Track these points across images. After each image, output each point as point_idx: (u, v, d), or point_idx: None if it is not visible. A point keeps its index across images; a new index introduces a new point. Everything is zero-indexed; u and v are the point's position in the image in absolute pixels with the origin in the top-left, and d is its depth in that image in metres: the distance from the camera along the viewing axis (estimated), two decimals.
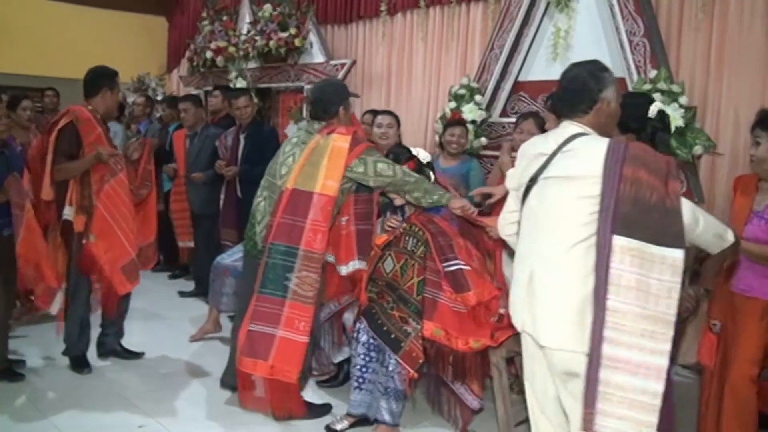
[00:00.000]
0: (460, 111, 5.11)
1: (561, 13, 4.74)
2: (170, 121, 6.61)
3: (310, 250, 3.25)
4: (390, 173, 3.34)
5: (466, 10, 5.73)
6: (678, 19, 4.47)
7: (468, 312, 3.14)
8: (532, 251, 2.43)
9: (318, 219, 3.25)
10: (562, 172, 2.33)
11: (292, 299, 3.24)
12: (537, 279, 2.38)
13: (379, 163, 3.35)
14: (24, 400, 3.74)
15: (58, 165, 3.81)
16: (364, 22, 6.71)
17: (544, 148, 2.43)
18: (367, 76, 6.68)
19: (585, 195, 2.24)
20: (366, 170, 3.33)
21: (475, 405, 3.32)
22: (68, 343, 4.16)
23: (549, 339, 2.35)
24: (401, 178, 3.34)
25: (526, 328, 2.45)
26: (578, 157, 2.30)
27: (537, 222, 2.42)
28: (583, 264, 2.24)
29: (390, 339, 3.21)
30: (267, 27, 6.92)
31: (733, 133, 4.17)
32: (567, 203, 2.30)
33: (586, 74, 2.43)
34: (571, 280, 2.28)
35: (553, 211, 2.35)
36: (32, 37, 8.67)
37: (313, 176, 3.30)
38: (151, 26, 9.86)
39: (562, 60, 4.80)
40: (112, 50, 8.67)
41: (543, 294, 2.36)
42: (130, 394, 3.85)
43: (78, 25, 9.13)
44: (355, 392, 3.37)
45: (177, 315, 5.40)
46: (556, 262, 2.32)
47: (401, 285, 3.29)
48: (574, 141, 2.34)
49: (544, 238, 2.38)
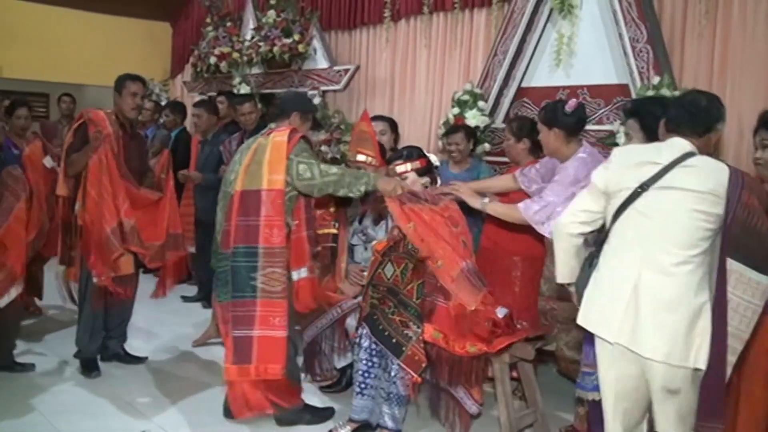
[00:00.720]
0: (464, 117, 5.11)
1: (564, 20, 4.74)
2: (173, 126, 6.64)
3: (269, 246, 3.26)
4: (308, 176, 3.31)
5: (470, 16, 5.73)
6: (681, 25, 4.47)
7: (466, 316, 3.14)
8: (641, 259, 2.44)
9: (270, 214, 3.26)
10: (683, 184, 2.39)
11: (261, 297, 3.24)
12: (645, 288, 2.40)
13: (300, 164, 3.31)
14: (27, 403, 3.75)
15: (68, 159, 3.99)
16: (367, 28, 6.71)
17: (655, 157, 2.47)
18: (371, 81, 6.69)
19: (702, 210, 2.35)
20: (291, 174, 3.31)
21: (474, 410, 3.32)
22: (80, 345, 4.22)
23: (654, 351, 2.38)
24: (322, 181, 3.31)
25: (620, 339, 2.45)
26: (700, 174, 2.39)
27: (648, 230, 2.44)
28: (696, 279, 2.36)
29: (392, 344, 3.21)
30: (271, 33, 6.94)
31: (737, 139, 4.17)
32: (686, 215, 2.37)
33: (707, 102, 2.53)
34: (684, 293, 2.36)
35: (670, 221, 2.40)
36: (38, 42, 8.70)
37: (257, 174, 3.30)
38: (155, 32, 9.88)
39: (566, 66, 4.81)
40: (117, 56, 8.72)
41: (652, 304, 2.39)
42: (133, 398, 3.86)
43: (83, 30, 9.16)
44: (358, 398, 3.37)
45: (180, 320, 5.41)
46: (670, 272, 2.37)
47: (401, 289, 3.29)
48: (692, 158, 2.43)
49: (657, 247, 2.41)
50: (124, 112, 4.13)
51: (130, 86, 4.11)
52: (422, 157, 3.54)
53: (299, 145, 3.36)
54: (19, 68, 8.70)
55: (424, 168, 3.49)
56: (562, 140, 3.27)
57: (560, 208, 3.08)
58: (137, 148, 4.28)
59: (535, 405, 3.49)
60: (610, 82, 4.65)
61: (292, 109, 3.57)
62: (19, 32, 8.51)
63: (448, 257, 3.18)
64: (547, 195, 3.17)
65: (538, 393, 3.50)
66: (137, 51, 9.44)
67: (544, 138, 3.33)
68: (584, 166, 3.16)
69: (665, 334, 2.35)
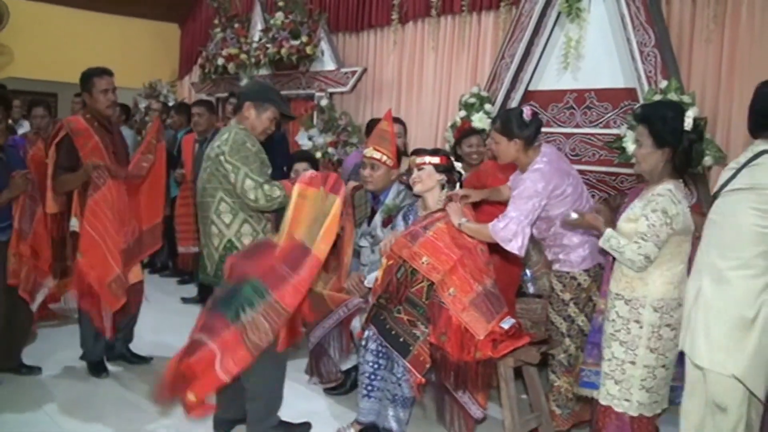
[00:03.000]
0: (470, 120, 5.11)
1: (572, 23, 4.73)
2: (179, 127, 6.65)
3: (281, 304, 2.96)
4: (259, 195, 3.11)
5: (477, 19, 5.74)
6: (689, 29, 4.47)
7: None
8: (705, 265, 2.47)
9: (304, 278, 3.02)
10: (743, 183, 2.40)
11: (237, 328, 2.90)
12: (702, 295, 2.43)
13: (247, 181, 3.10)
14: (32, 403, 3.77)
15: (57, 178, 3.89)
16: (375, 31, 6.73)
17: (735, 162, 2.50)
18: (378, 83, 6.70)
19: (759, 207, 2.33)
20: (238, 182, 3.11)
21: (478, 415, 3.31)
22: (85, 348, 4.23)
23: (705, 359, 2.42)
24: (265, 205, 3.12)
25: (684, 347, 2.47)
26: (762, 170, 2.39)
27: (711, 236, 2.48)
28: (756, 286, 2.34)
29: (399, 343, 3.21)
30: (279, 34, 6.95)
31: (744, 144, 4.13)
32: (742, 213, 2.37)
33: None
34: (735, 302, 2.36)
35: (727, 224, 2.43)
36: (47, 42, 8.75)
37: (315, 234, 3.07)
38: (163, 33, 9.93)
39: (573, 70, 4.80)
40: (125, 56, 8.75)
41: (704, 310, 2.42)
42: (139, 399, 3.87)
43: (92, 31, 9.21)
44: (364, 400, 3.37)
45: (185, 320, 5.38)
46: (726, 278, 2.38)
47: (410, 288, 3.29)
48: (763, 156, 2.43)
49: (716, 252, 2.44)
50: (99, 111, 3.94)
51: (98, 83, 3.91)
52: (445, 156, 3.55)
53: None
54: (28, 68, 8.75)
55: (444, 165, 3.48)
56: (521, 150, 3.27)
57: (526, 222, 3.08)
58: (121, 142, 4.20)
59: (539, 409, 3.48)
60: (617, 86, 4.64)
61: (245, 100, 3.29)
62: (28, 32, 8.56)
63: (461, 284, 3.14)
64: (510, 211, 3.14)
65: (543, 396, 3.49)
66: (145, 51, 9.49)
67: (503, 148, 3.31)
68: (542, 177, 3.16)
69: (714, 343, 2.36)
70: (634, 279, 2.78)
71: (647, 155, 2.79)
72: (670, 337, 2.75)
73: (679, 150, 2.74)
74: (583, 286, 3.35)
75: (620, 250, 2.72)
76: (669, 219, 2.65)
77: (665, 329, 2.74)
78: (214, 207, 3.15)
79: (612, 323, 2.84)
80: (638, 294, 2.76)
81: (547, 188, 3.17)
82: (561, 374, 3.42)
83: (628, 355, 2.78)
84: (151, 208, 4.27)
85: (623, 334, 2.79)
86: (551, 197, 3.20)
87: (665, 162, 2.76)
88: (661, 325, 2.73)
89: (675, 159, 2.75)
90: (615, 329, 2.82)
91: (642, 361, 2.75)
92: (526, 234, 3.09)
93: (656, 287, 2.74)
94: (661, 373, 2.78)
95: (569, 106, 4.89)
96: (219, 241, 3.17)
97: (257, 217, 3.20)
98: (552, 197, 3.21)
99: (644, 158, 2.81)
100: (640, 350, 2.75)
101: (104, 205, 3.81)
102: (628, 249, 2.69)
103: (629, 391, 2.79)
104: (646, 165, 2.81)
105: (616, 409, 2.82)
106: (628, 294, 2.79)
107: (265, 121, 3.29)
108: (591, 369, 3.02)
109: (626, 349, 2.78)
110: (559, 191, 3.21)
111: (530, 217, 3.12)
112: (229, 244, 3.15)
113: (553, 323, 3.44)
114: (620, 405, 2.81)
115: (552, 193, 3.20)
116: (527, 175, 3.22)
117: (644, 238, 2.67)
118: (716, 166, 4.21)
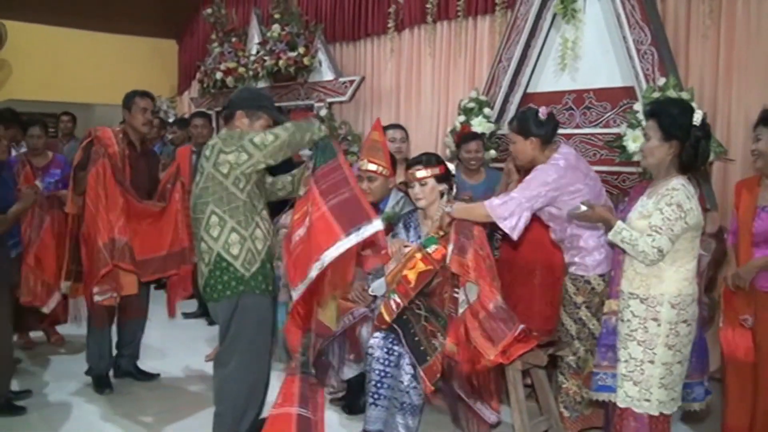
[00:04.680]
0: (470, 124, 5.11)
1: (568, 24, 4.73)
2: (181, 142, 6.66)
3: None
4: (271, 138, 2.96)
5: (473, 24, 5.75)
6: (685, 26, 4.47)
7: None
8: None
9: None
10: None
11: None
12: None
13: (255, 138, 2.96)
14: (38, 420, 3.77)
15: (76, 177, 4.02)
16: (372, 39, 6.75)
17: None
18: (377, 92, 6.71)
19: None
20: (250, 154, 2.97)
21: (493, 420, 3.30)
22: (90, 363, 4.24)
23: None
24: (287, 138, 2.97)
25: None
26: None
27: None
28: None
29: (419, 351, 3.20)
30: (276, 47, 6.98)
31: (744, 138, 4.15)
32: None
33: None
34: None
35: None
36: (46, 63, 8.80)
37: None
38: (161, 50, 9.98)
39: (571, 70, 4.81)
40: (124, 74, 8.80)
41: None
42: (147, 415, 3.86)
43: (91, 50, 9.27)
44: (371, 408, 3.34)
45: (191, 335, 5.42)
46: None
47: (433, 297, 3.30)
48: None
49: None
50: (135, 128, 4.16)
51: (139, 102, 4.14)
52: (441, 164, 3.54)
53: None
54: (28, 89, 8.79)
55: (443, 175, 3.48)
56: (538, 148, 3.29)
57: (526, 205, 3.11)
58: (147, 165, 4.27)
59: (549, 411, 3.47)
60: (615, 85, 4.64)
61: (236, 108, 3.21)
62: (27, 54, 8.61)
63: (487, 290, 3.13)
64: (512, 192, 3.20)
65: (552, 399, 3.48)
66: (144, 69, 9.54)
67: (520, 148, 3.34)
68: (555, 170, 3.18)
69: None
70: (648, 277, 2.75)
71: (655, 148, 2.78)
72: (686, 333, 2.74)
73: (687, 144, 2.74)
74: (596, 291, 3.32)
75: (632, 242, 2.70)
76: (683, 213, 2.65)
77: (682, 325, 2.73)
78: (204, 223, 3.04)
79: (627, 323, 2.81)
80: (654, 291, 2.74)
81: (558, 181, 3.17)
82: (569, 376, 3.40)
83: (646, 355, 2.75)
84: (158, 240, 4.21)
85: (640, 334, 2.76)
86: (564, 192, 3.20)
87: (672, 156, 2.76)
88: (678, 321, 2.73)
89: (682, 154, 2.75)
90: (631, 329, 2.79)
91: (660, 359, 2.73)
92: (523, 217, 3.10)
93: (673, 284, 2.73)
94: (677, 369, 2.77)
95: (568, 107, 4.88)
96: (209, 258, 3.05)
97: (245, 222, 3.05)
98: (564, 192, 3.20)
99: (651, 151, 2.80)
100: (658, 348, 2.73)
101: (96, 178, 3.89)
102: (642, 241, 2.68)
103: (649, 390, 2.76)
104: (653, 158, 2.80)
105: (636, 410, 2.78)
106: (643, 292, 2.77)
107: (258, 129, 3.16)
108: (607, 372, 2.93)
109: (644, 349, 2.75)
110: (573, 188, 3.21)
111: (532, 202, 3.13)
112: (218, 258, 3.03)
113: (564, 325, 3.42)
114: (640, 406, 2.77)
115: (565, 188, 3.19)
116: (544, 166, 3.24)
117: (658, 231, 2.66)
118: (717, 161, 4.22)
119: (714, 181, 4.26)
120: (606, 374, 2.92)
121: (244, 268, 3.03)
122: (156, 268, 4.14)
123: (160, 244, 4.17)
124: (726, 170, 4.27)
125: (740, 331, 3.15)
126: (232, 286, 3.03)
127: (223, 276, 3.03)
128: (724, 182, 4.27)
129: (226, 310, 3.08)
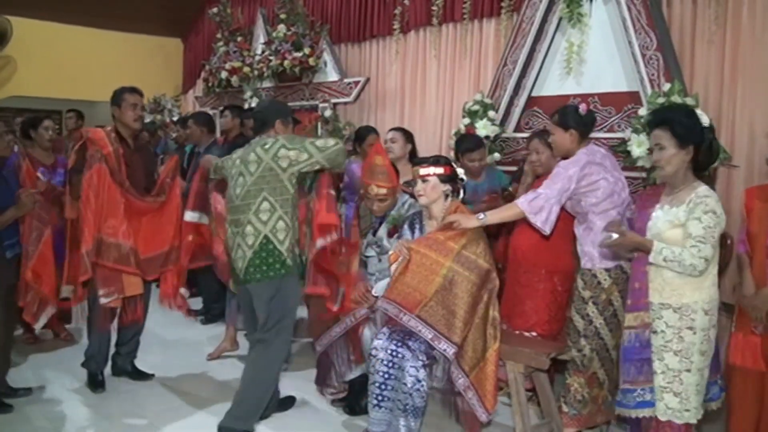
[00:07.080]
0: (474, 127, 5.12)
1: (573, 28, 4.74)
2: (185, 141, 6.67)
3: None
4: (332, 143, 3.51)
5: (479, 26, 5.75)
6: (691, 31, 4.46)
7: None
8: None
9: None
10: None
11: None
12: None
13: (317, 141, 3.49)
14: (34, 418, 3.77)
15: (71, 181, 4.02)
16: (377, 41, 6.75)
17: None
18: (381, 93, 6.71)
19: None
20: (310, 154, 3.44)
21: (483, 418, 3.28)
22: (87, 355, 4.24)
23: None
24: (342, 147, 3.53)
25: None
26: None
27: None
28: None
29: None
30: (281, 47, 6.98)
31: (749, 144, 4.15)
32: None
33: None
34: None
35: None
36: (50, 60, 8.80)
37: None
38: (166, 48, 9.97)
39: (576, 74, 4.81)
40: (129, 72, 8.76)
41: None
42: (147, 413, 3.87)
43: (95, 48, 9.26)
44: (375, 410, 3.34)
45: (194, 334, 5.42)
46: None
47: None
48: None
49: None
50: (126, 124, 4.13)
51: (128, 98, 4.13)
52: (448, 165, 3.55)
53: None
54: (33, 86, 8.80)
55: (447, 175, 3.49)
56: (576, 141, 3.40)
57: (554, 200, 3.19)
58: (142, 160, 4.25)
59: (550, 415, 3.47)
60: (620, 90, 4.64)
61: (275, 118, 3.65)
62: (32, 50, 8.61)
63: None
64: (540, 189, 3.28)
65: (554, 403, 3.48)
66: (149, 67, 9.53)
67: (560, 139, 3.45)
68: (576, 164, 3.27)
69: None
70: (682, 286, 2.75)
71: (672, 157, 2.78)
72: (713, 337, 2.78)
73: (704, 146, 2.75)
74: (602, 286, 3.32)
75: (678, 259, 2.69)
76: (718, 219, 2.69)
77: (712, 330, 2.77)
78: (254, 208, 3.41)
79: (662, 335, 2.80)
80: (689, 300, 2.75)
81: (579, 173, 3.24)
82: (573, 373, 3.40)
83: (683, 364, 2.75)
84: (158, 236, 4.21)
85: (676, 344, 2.76)
86: (581, 184, 3.26)
87: (687, 162, 2.77)
88: (710, 326, 2.76)
89: (698, 156, 2.75)
90: (666, 340, 2.78)
91: (696, 366, 2.75)
92: (552, 211, 3.20)
93: (705, 290, 2.75)
94: (706, 373, 2.81)
95: None
96: (254, 240, 3.41)
97: (291, 214, 3.46)
98: (582, 184, 3.26)
99: (669, 161, 2.79)
100: (695, 356, 2.74)
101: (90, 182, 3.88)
102: (687, 254, 2.67)
103: (688, 400, 2.76)
104: (671, 167, 2.80)
105: (677, 422, 2.77)
106: (676, 302, 2.77)
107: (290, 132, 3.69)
108: (645, 387, 2.85)
109: (681, 358, 2.75)
110: (591, 179, 3.27)
111: (559, 196, 3.22)
112: (264, 240, 3.40)
113: (572, 320, 3.44)
114: (681, 417, 2.76)
115: (583, 179, 3.25)
116: (562, 163, 3.35)
117: (702, 241, 2.66)
118: (722, 167, 4.21)
119: (717, 187, 4.25)
120: (644, 389, 2.85)
121: (287, 252, 3.43)
122: (159, 265, 4.16)
123: (163, 240, 4.18)
124: (730, 176, 4.27)
125: (751, 339, 3.07)
126: (276, 268, 3.42)
127: (268, 258, 3.41)
128: (727, 188, 4.26)
129: (268, 290, 3.45)
